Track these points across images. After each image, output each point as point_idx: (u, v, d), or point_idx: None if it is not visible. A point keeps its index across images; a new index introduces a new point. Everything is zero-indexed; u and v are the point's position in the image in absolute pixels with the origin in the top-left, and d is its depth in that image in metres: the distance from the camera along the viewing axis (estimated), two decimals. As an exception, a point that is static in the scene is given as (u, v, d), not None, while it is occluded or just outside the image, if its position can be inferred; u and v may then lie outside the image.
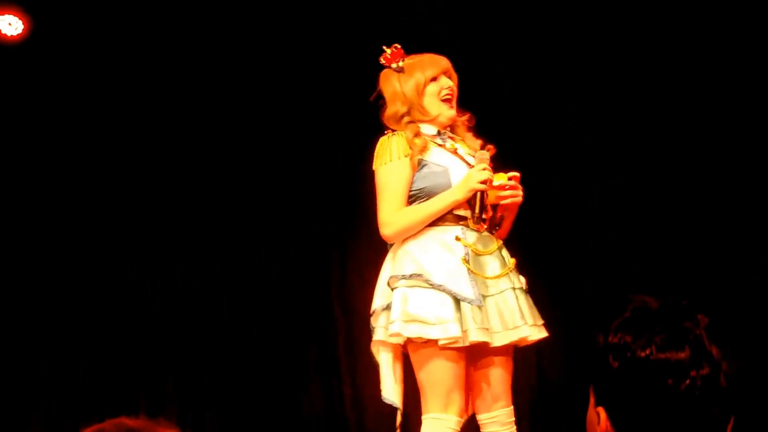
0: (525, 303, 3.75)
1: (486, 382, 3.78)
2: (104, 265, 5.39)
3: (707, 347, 1.58)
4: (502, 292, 3.70)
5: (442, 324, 3.60)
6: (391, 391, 3.78)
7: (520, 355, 3.94)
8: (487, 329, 3.63)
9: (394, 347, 3.80)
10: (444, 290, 3.62)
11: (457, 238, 3.72)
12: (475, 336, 3.59)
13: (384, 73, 3.94)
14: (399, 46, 3.92)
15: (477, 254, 3.72)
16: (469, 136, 3.93)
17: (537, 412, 5.09)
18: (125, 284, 5.40)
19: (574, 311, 4.86)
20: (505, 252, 3.84)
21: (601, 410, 1.65)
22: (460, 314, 3.61)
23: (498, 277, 3.71)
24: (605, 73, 5.24)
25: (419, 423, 3.69)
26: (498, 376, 3.79)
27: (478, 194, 3.68)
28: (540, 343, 3.85)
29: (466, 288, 3.63)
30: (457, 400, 3.68)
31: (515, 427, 3.81)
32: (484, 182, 3.67)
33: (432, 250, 3.71)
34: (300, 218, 5.45)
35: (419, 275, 3.67)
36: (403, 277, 3.69)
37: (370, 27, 5.15)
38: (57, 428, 5.19)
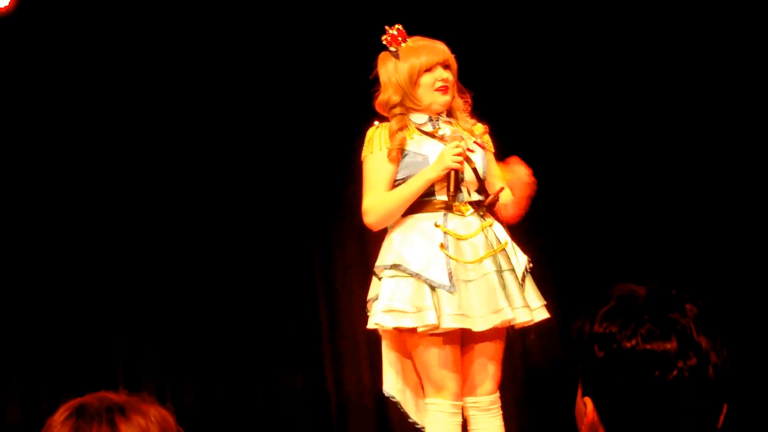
0: (514, 284, 3.74)
1: (471, 367, 3.82)
2: (89, 252, 5.31)
3: (695, 338, 1.55)
4: (485, 275, 3.71)
5: (420, 312, 3.66)
6: (388, 384, 3.86)
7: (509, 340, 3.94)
8: (464, 315, 3.65)
9: (391, 335, 3.86)
10: (421, 278, 3.67)
11: (436, 224, 3.73)
12: (448, 323, 3.65)
13: (383, 55, 3.93)
14: (401, 28, 3.89)
15: (458, 239, 3.71)
16: (464, 117, 3.92)
17: (527, 399, 5.07)
18: (111, 269, 5.35)
19: (567, 299, 4.87)
20: (498, 232, 3.81)
21: (588, 400, 1.63)
22: (438, 301, 3.65)
23: (478, 260, 3.71)
24: (599, 71, 5.20)
25: None
26: (483, 362, 3.81)
27: (452, 172, 3.69)
28: (532, 329, 3.86)
29: (440, 274, 3.67)
30: (449, 383, 3.73)
31: (500, 412, 3.82)
32: (458, 160, 3.68)
33: (412, 238, 3.75)
34: (286, 205, 5.40)
35: (398, 265, 3.73)
36: (385, 268, 3.76)
37: (360, 22, 5.11)
38: (33, 406, 5.15)
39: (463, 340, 3.80)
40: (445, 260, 3.69)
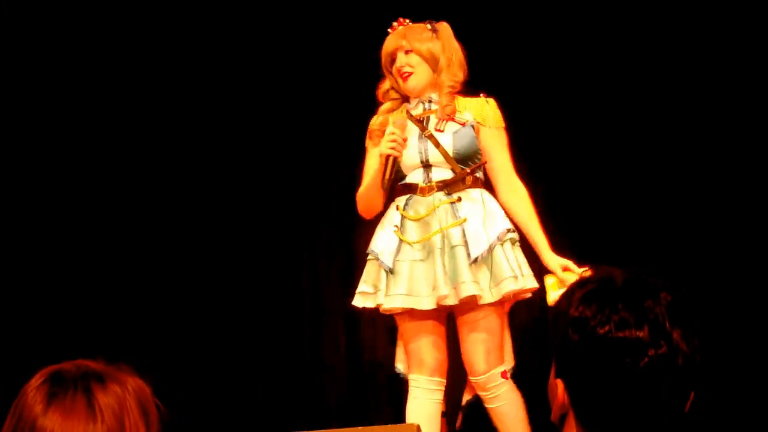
0: (462, 260, 3.72)
1: (463, 346, 3.85)
2: (76, 236, 5.30)
3: (667, 327, 1.56)
4: (431, 253, 3.75)
5: (379, 292, 3.80)
6: (398, 360, 3.96)
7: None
8: (409, 295, 3.73)
9: (395, 316, 3.93)
10: (379, 260, 3.82)
11: (396, 207, 3.87)
12: (390, 303, 3.77)
13: None
14: (405, 21, 3.96)
15: (411, 219, 3.80)
16: (447, 98, 3.90)
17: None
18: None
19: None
20: (462, 208, 3.80)
21: (560, 383, 1.64)
22: (387, 282, 3.80)
23: (424, 239, 3.77)
24: (589, 55, 5.19)
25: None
26: (473, 340, 3.81)
27: (390, 159, 3.76)
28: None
29: (387, 256, 3.80)
30: (426, 359, 3.80)
31: (505, 387, 3.79)
32: (391, 146, 3.74)
33: (383, 222, 3.92)
34: (273, 193, 5.38)
35: (371, 248, 3.89)
36: (368, 251, 3.91)
37: (352, 19, 5.10)
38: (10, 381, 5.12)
39: (452, 318, 3.83)
40: (397, 242, 3.80)
